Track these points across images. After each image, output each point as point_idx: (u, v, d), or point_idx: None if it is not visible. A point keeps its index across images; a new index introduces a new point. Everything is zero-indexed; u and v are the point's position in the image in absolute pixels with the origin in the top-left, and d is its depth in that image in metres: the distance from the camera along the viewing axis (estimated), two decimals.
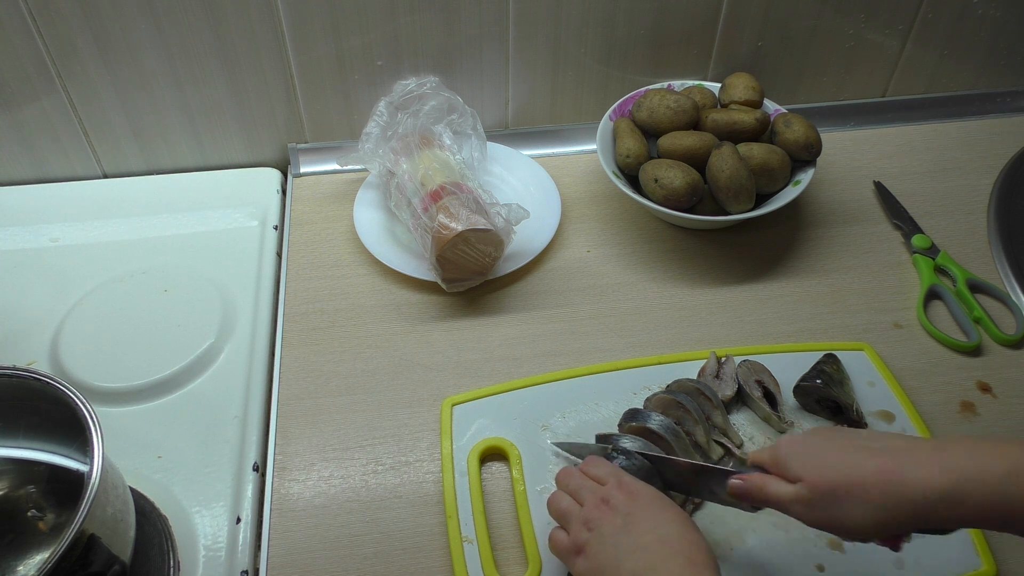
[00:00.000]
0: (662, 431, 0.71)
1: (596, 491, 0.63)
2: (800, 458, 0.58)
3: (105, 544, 0.56)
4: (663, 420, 0.71)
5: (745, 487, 0.61)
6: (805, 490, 0.56)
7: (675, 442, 0.70)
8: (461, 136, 0.95)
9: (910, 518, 0.53)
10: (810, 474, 0.56)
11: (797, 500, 0.57)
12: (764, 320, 0.85)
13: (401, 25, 0.92)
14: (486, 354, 0.83)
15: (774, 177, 0.89)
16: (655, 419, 0.71)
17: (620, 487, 0.62)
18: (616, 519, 0.59)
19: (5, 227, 0.95)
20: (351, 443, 0.76)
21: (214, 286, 0.88)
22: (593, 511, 0.61)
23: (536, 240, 0.91)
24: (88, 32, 0.88)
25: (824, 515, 0.56)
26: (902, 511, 0.53)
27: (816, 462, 0.57)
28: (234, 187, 1.00)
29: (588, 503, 0.62)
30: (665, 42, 0.98)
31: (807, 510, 0.56)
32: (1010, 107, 1.09)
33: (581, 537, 0.61)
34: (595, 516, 0.61)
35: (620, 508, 0.60)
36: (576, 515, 0.62)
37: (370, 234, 0.91)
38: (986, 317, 0.84)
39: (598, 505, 0.61)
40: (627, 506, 0.60)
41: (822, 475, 0.56)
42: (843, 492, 0.54)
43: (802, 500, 0.56)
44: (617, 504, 0.60)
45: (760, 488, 0.60)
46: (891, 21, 1.00)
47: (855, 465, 0.55)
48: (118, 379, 0.79)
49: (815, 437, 0.60)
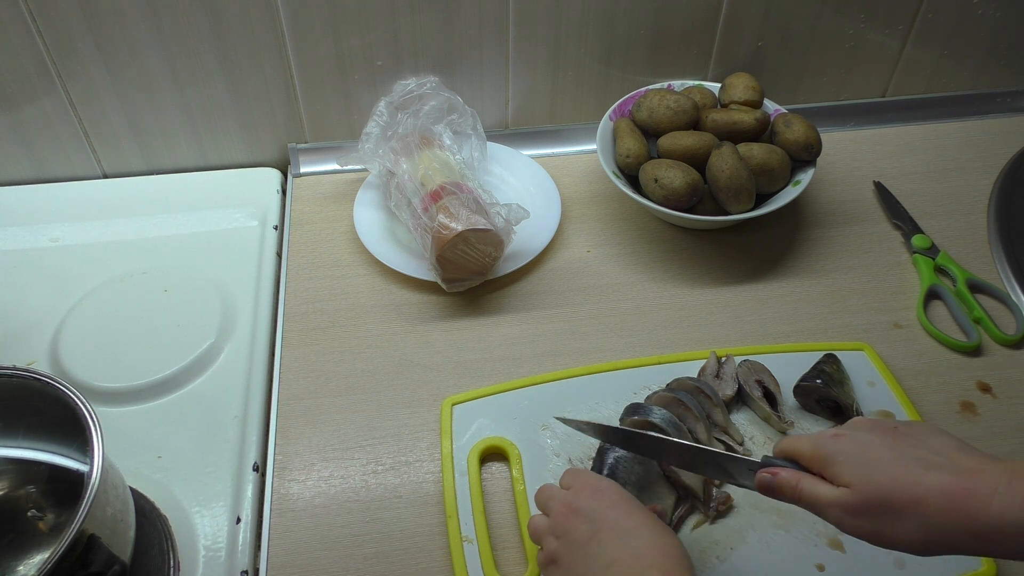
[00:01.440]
0: (664, 424, 0.71)
1: (562, 498, 0.61)
2: (850, 460, 0.52)
3: (105, 544, 0.56)
4: (664, 414, 0.71)
5: (776, 484, 0.55)
6: (852, 497, 0.51)
7: (677, 436, 0.70)
8: (461, 136, 0.95)
9: (970, 543, 0.49)
10: (861, 480, 0.51)
11: (839, 505, 0.52)
12: (764, 320, 0.85)
13: (401, 25, 0.92)
14: (486, 354, 0.83)
15: (774, 177, 0.89)
16: (657, 413, 0.71)
17: (585, 488, 0.60)
18: (583, 525, 0.58)
19: (5, 227, 0.95)
20: (351, 443, 0.76)
21: (214, 286, 0.88)
22: (559, 518, 0.60)
23: (536, 240, 0.91)
24: (88, 32, 0.88)
25: (869, 526, 0.51)
26: (963, 535, 0.48)
27: (869, 468, 0.51)
28: (234, 187, 1.00)
29: (554, 511, 0.61)
30: (665, 42, 0.98)
31: (850, 517, 0.52)
32: (1010, 107, 1.09)
33: (551, 546, 0.59)
34: (561, 523, 0.59)
35: (585, 512, 0.58)
36: (544, 527, 0.61)
37: (370, 234, 0.91)
38: (986, 317, 0.84)
39: (563, 512, 0.60)
40: (592, 509, 0.58)
41: (876, 484, 0.51)
42: (898, 506, 0.50)
43: (846, 507, 0.51)
44: (582, 506, 0.59)
45: (793, 487, 0.54)
46: (891, 21, 1.00)
47: (915, 479, 0.50)
48: (118, 379, 0.79)
49: (867, 436, 0.54)
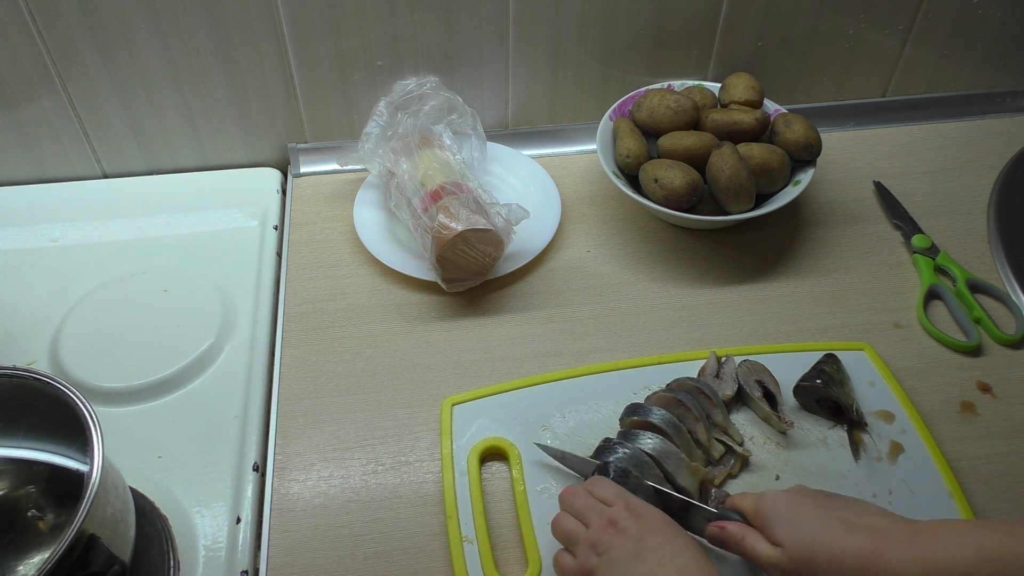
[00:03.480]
0: (663, 425, 0.71)
1: (603, 512, 0.60)
2: (783, 522, 0.58)
3: (105, 544, 0.56)
4: (664, 414, 0.71)
5: (723, 536, 0.62)
6: (784, 557, 0.57)
7: (676, 436, 0.71)
8: (461, 136, 0.95)
9: None
10: (791, 541, 0.57)
11: (775, 564, 0.58)
12: (764, 320, 0.85)
13: (401, 25, 0.92)
14: (486, 354, 0.83)
15: (774, 177, 0.89)
16: (656, 413, 0.71)
17: (628, 508, 0.60)
18: (627, 543, 0.57)
19: (5, 227, 0.95)
20: (351, 443, 0.76)
21: (214, 286, 0.88)
22: (601, 534, 0.59)
23: (536, 240, 0.91)
24: (88, 32, 0.88)
25: None
26: None
27: (798, 531, 0.57)
28: (234, 187, 1.00)
29: (595, 525, 0.60)
30: (665, 42, 0.98)
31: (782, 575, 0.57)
32: (1010, 107, 1.09)
33: (590, 561, 0.59)
34: (603, 539, 0.58)
35: (630, 532, 0.58)
36: (583, 537, 0.60)
37: (370, 234, 0.91)
38: (986, 317, 0.84)
39: (606, 527, 0.59)
40: (637, 530, 0.58)
41: (802, 546, 0.56)
42: (820, 567, 0.55)
43: (780, 565, 0.57)
44: (626, 527, 0.58)
45: (738, 541, 0.60)
46: (891, 21, 1.00)
47: (835, 542, 0.55)
48: (118, 379, 0.79)
49: (801, 500, 0.60)
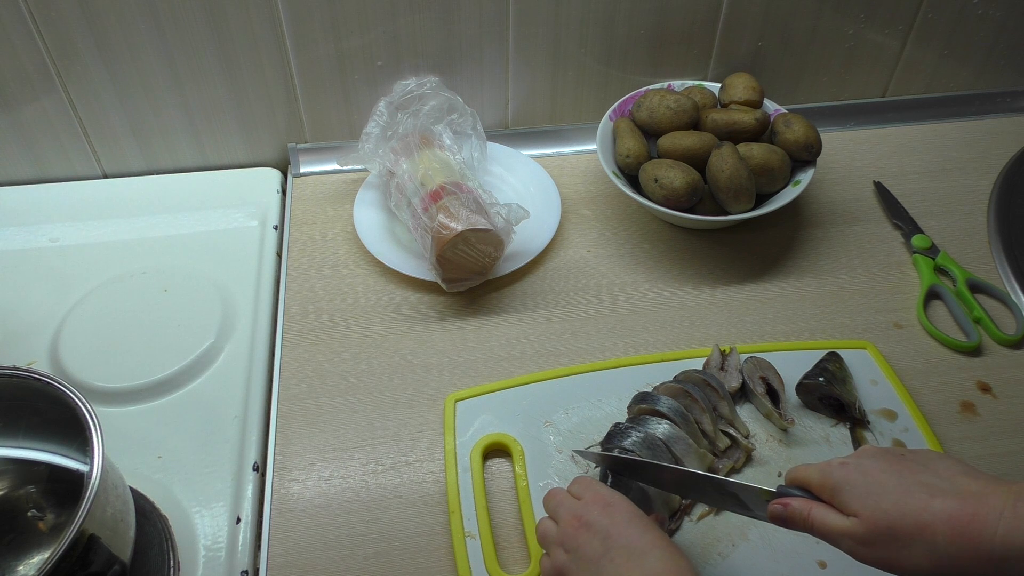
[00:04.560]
0: (671, 413, 0.71)
1: (572, 509, 0.60)
2: (856, 490, 0.53)
3: (105, 544, 0.56)
4: (672, 403, 0.72)
5: (788, 514, 0.56)
6: (861, 527, 0.52)
7: (684, 425, 0.71)
8: (461, 136, 0.95)
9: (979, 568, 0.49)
10: (868, 509, 0.52)
11: (850, 536, 0.52)
12: (764, 320, 0.85)
13: (401, 25, 0.92)
14: (486, 354, 0.83)
15: (774, 177, 0.89)
16: (664, 402, 0.72)
17: (595, 500, 0.59)
18: (594, 541, 0.57)
19: (5, 227, 0.95)
20: (351, 443, 0.76)
21: (214, 286, 0.88)
22: (568, 530, 0.59)
23: (536, 240, 0.91)
24: (88, 32, 0.88)
25: (879, 555, 0.52)
26: (972, 561, 0.49)
27: (875, 497, 0.52)
28: (234, 187, 1.00)
29: (563, 521, 0.60)
30: (665, 42, 0.98)
31: (861, 547, 0.52)
32: (1010, 107, 1.09)
33: (559, 560, 0.59)
34: (570, 536, 0.58)
35: (596, 527, 0.57)
36: (553, 536, 0.60)
37: (370, 234, 0.91)
38: (986, 317, 0.84)
39: (573, 524, 0.59)
40: (604, 525, 0.57)
41: (883, 513, 0.51)
42: (905, 534, 0.50)
43: (856, 537, 0.52)
44: (592, 521, 0.58)
45: (805, 517, 0.55)
46: (891, 21, 1.00)
47: (921, 506, 0.50)
48: (118, 379, 0.79)
49: (873, 464, 0.54)
